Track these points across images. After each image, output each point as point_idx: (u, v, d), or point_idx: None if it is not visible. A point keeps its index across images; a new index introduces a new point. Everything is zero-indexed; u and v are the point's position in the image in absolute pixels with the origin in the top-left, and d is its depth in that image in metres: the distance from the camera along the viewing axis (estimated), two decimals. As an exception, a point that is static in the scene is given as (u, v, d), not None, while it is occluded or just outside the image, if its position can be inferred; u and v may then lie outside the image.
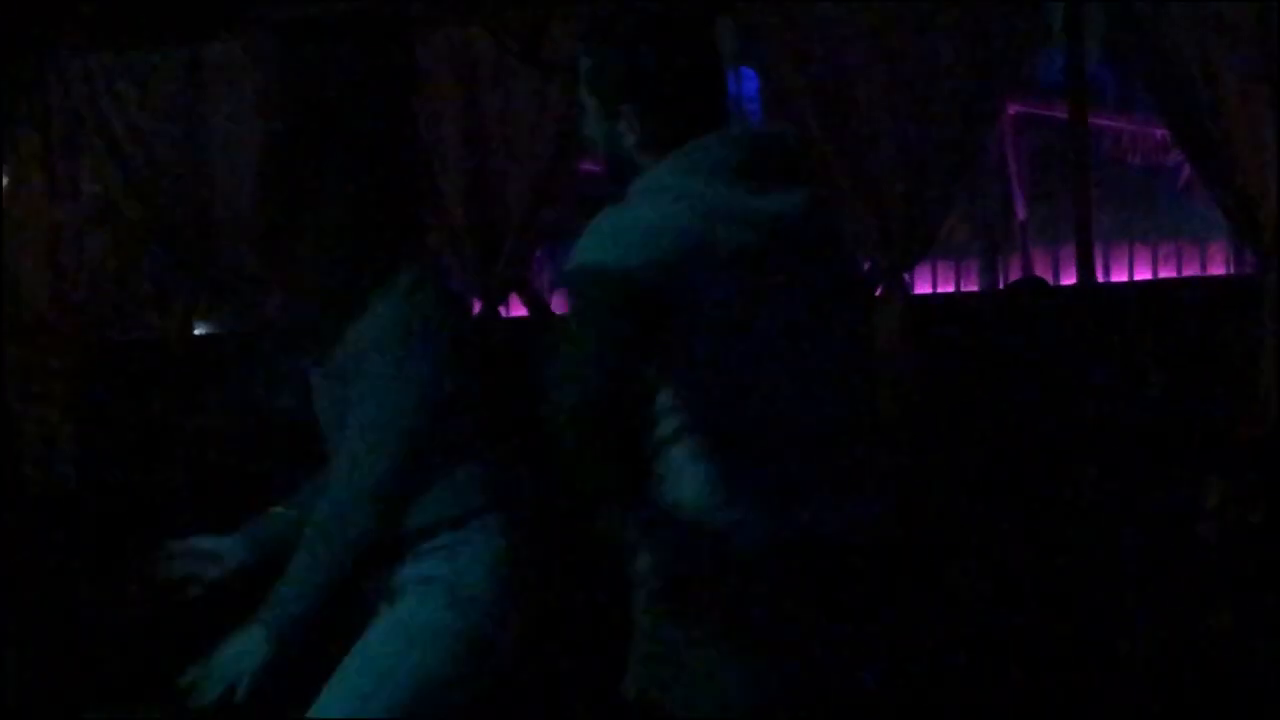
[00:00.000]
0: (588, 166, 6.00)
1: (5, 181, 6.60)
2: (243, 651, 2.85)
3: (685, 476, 2.65)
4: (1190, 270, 7.05)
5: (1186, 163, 6.60)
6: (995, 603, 5.21)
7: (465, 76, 6.13)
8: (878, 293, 5.99)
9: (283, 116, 3.25)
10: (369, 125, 3.17)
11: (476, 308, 6.10)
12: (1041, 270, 6.84)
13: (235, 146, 5.81)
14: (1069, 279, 6.49)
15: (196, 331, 6.45)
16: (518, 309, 6.41)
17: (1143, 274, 7.06)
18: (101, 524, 5.61)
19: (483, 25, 6.03)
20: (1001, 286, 6.96)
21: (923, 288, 6.60)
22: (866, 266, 6.05)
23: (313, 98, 3.33)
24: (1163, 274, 7.08)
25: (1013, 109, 7.21)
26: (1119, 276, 6.87)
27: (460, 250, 6.19)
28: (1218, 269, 6.91)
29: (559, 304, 6.11)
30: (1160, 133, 7.00)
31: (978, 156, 6.44)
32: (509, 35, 6.02)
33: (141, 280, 6.50)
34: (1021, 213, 7.65)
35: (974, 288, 7.10)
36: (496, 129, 6.14)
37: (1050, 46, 6.55)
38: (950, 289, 7.04)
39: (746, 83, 6.80)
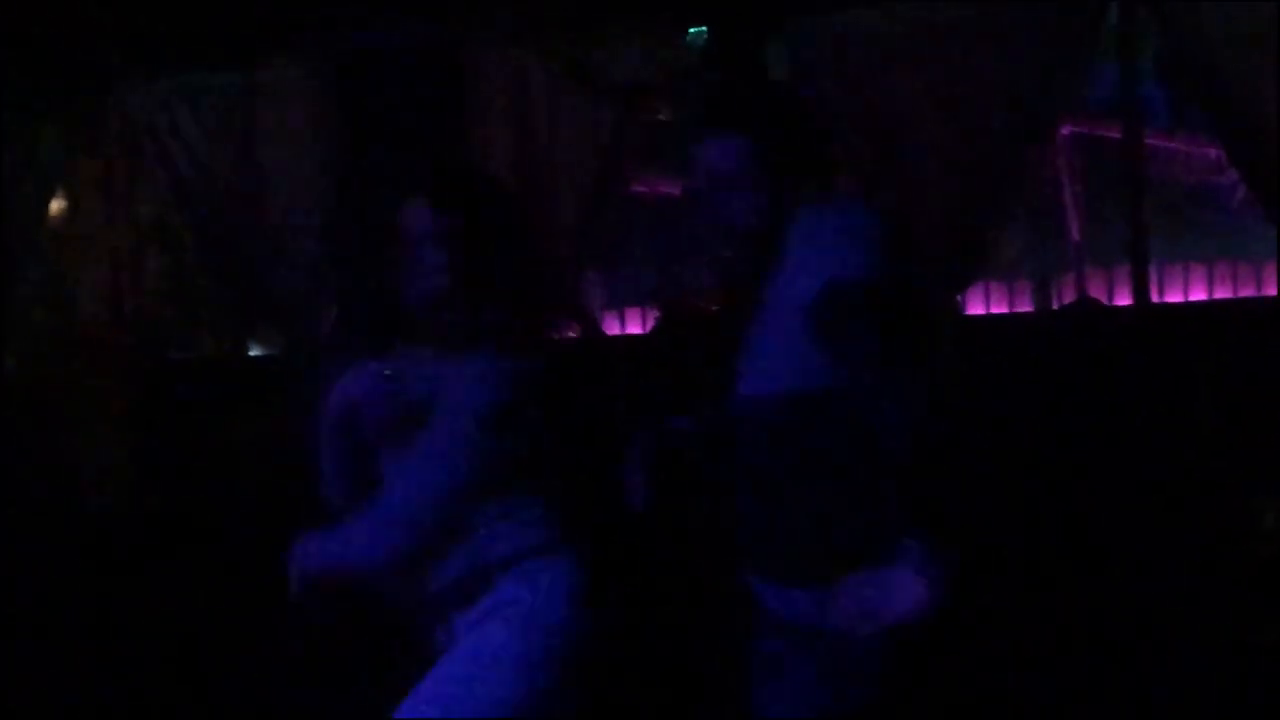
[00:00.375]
0: (636, 189, 6.02)
1: (65, 204, 6.67)
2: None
3: None
4: (1246, 291, 6.96)
5: (1241, 182, 6.46)
6: (1044, 624, 5.14)
7: (516, 99, 6.09)
8: None
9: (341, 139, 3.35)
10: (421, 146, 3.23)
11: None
12: (1096, 291, 6.77)
13: (289, 169, 5.85)
14: (1124, 300, 6.37)
15: (251, 352, 6.51)
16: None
17: (1197, 295, 6.99)
18: (155, 544, 5.66)
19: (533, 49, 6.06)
20: (1055, 308, 6.91)
21: (975, 309, 6.54)
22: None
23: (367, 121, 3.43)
24: (1218, 294, 7.00)
25: (1066, 129, 7.22)
26: (1174, 297, 6.77)
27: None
28: (1272, 289, 6.73)
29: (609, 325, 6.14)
30: (1214, 152, 6.98)
31: (1031, 177, 6.33)
32: (559, 59, 6.04)
33: (196, 301, 6.53)
34: (1076, 233, 7.74)
35: (1027, 308, 7.02)
36: (546, 151, 6.10)
37: (1104, 62, 6.41)
38: (1003, 310, 6.99)
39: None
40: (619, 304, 7.39)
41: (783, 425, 2.86)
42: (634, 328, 6.99)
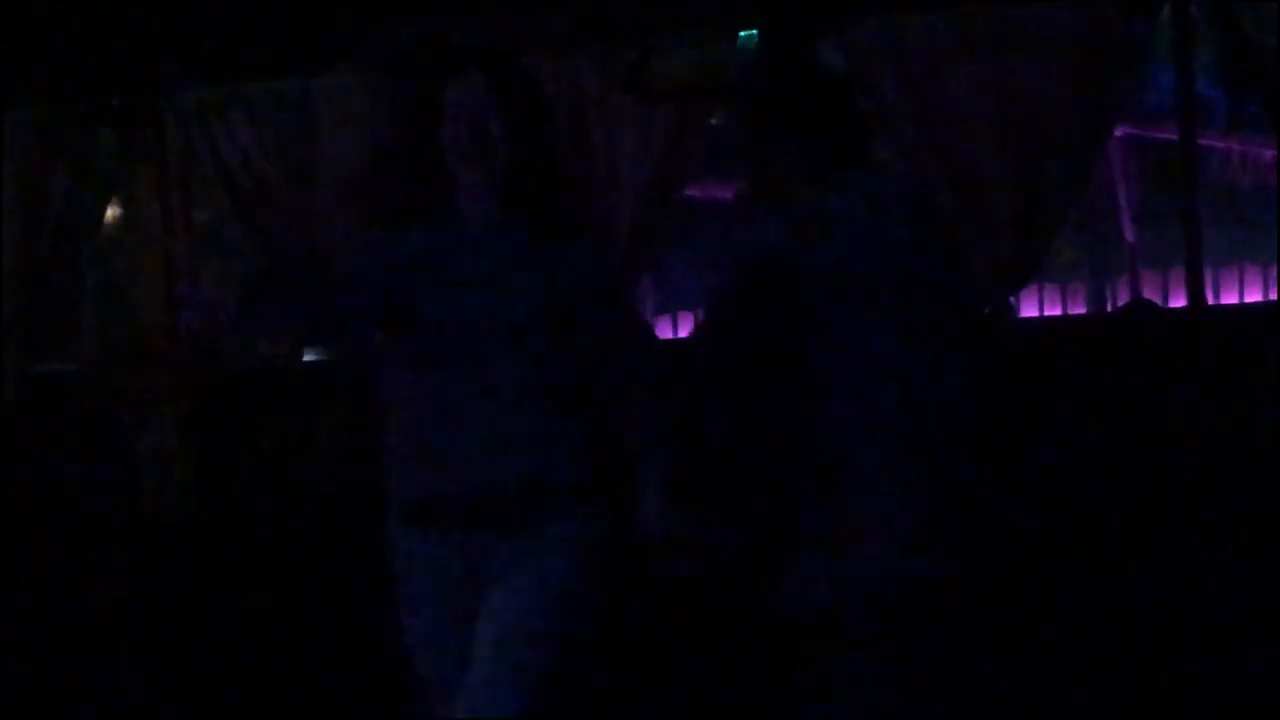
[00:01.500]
0: (691, 193, 5.99)
1: (122, 211, 6.77)
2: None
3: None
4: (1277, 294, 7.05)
5: None
6: (1096, 620, 5.11)
7: (571, 105, 6.11)
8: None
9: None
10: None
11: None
12: (1150, 293, 6.80)
13: (343, 177, 5.89)
14: (1179, 301, 6.30)
15: (305, 358, 6.56)
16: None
17: (1253, 296, 7.06)
18: (215, 551, 5.70)
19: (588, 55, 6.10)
20: (1110, 310, 6.97)
21: (1029, 311, 6.52)
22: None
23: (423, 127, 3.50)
24: (1273, 296, 7.02)
25: (1120, 130, 7.17)
26: (1229, 299, 6.79)
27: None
28: None
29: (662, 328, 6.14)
30: (1270, 153, 6.92)
31: (1086, 178, 6.31)
32: (614, 63, 6.05)
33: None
34: (1130, 235, 7.68)
35: (1081, 310, 7.11)
36: (601, 156, 6.11)
37: (1159, 64, 6.45)
38: (1058, 311, 7.04)
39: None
40: (673, 308, 7.41)
41: None
42: (686, 331, 7.01)
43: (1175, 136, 6.28)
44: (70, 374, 6.70)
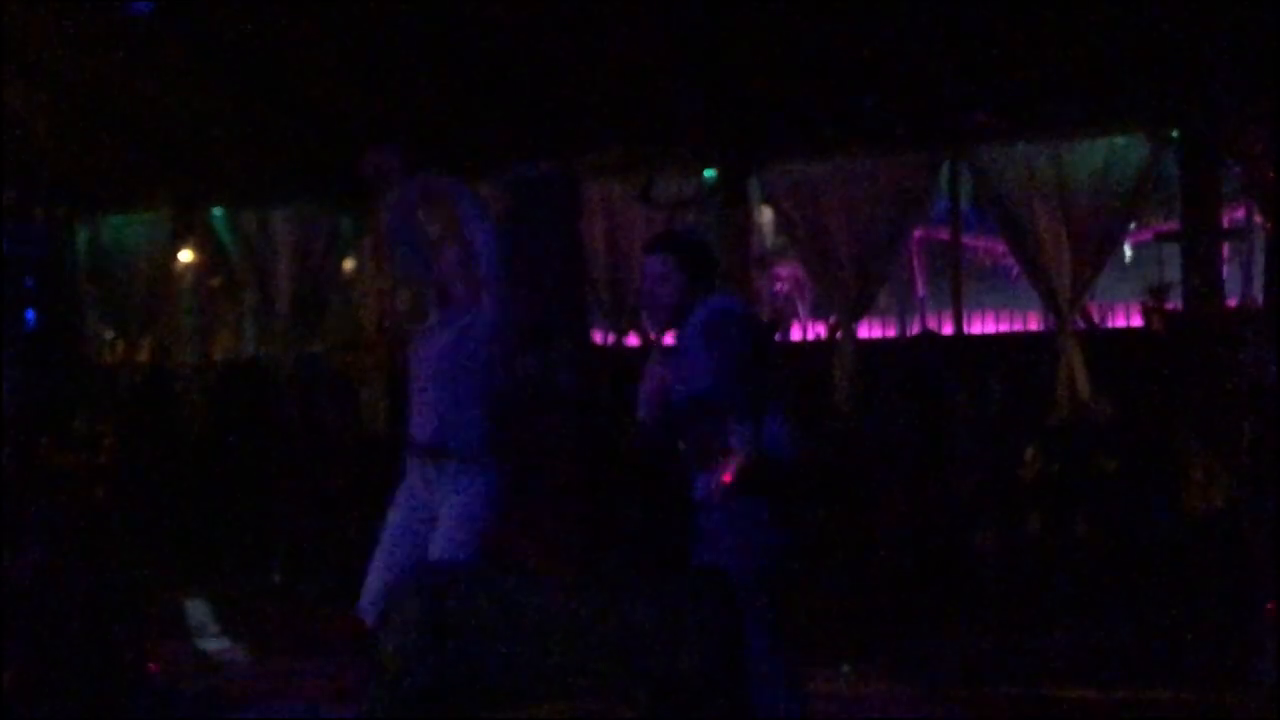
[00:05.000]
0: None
1: (354, 263, 8.04)
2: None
3: None
4: (1016, 326, 8.18)
5: (1017, 264, 7.48)
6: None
7: (606, 208, 7.61)
8: (837, 337, 7.12)
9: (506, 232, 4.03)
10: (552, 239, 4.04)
11: (610, 339, 7.30)
12: (932, 324, 7.95)
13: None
14: (948, 330, 7.57)
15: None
16: (633, 341, 7.65)
17: (989, 328, 8.11)
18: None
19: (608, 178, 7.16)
20: (910, 334, 8.11)
21: (863, 333, 7.53)
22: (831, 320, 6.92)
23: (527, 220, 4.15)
24: (1002, 329, 8.10)
25: (918, 233, 8.52)
26: (976, 330, 7.82)
27: (603, 307, 7.60)
28: (1033, 325, 7.85)
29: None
30: (1002, 247, 8.09)
31: (897, 256, 7.59)
32: (630, 185, 7.31)
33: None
34: (921, 290, 9.24)
35: (892, 334, 8.14)
36: (624, 239, 7.53)
37: (940, 195, 7.54)
38: (879, 334, 8.00)
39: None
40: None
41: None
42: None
43: (948, 236, 7.54)
44: (323, 355, 7.90)
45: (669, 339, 3.65)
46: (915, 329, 8.07)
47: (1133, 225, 7.56)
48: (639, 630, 3.03)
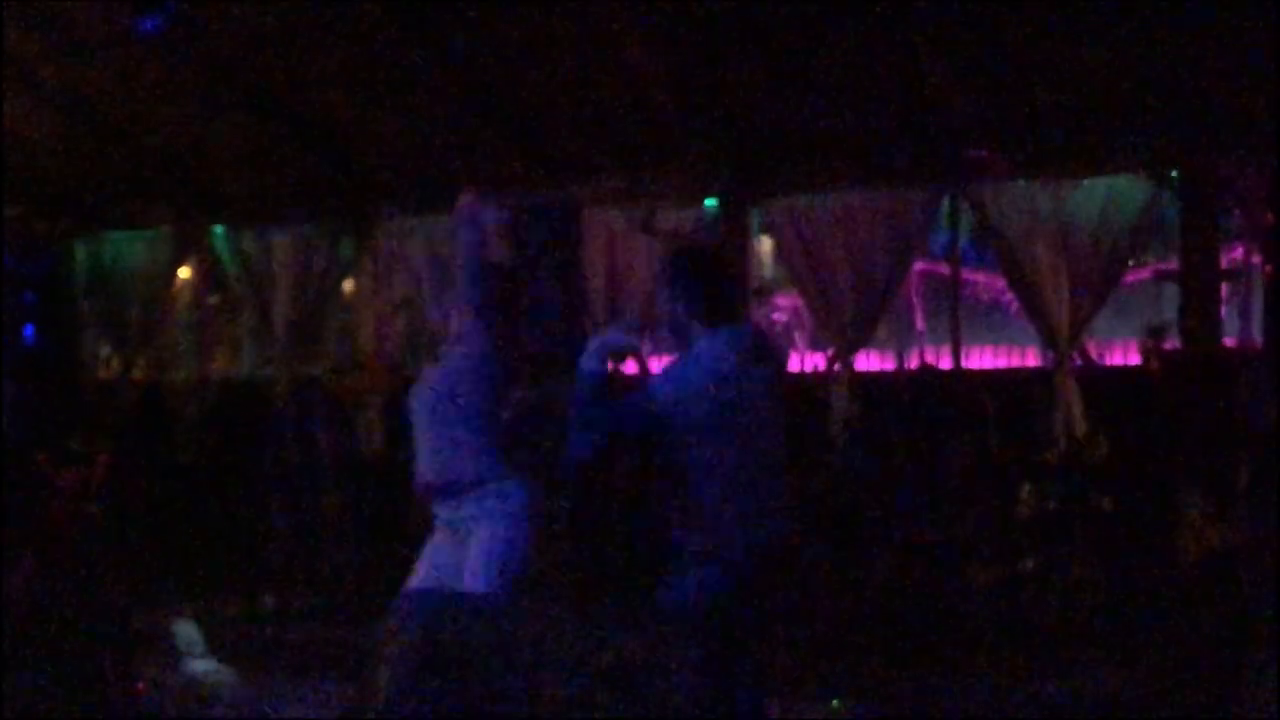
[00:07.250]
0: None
1: (353, 285, 8.03)
2: None
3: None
4: (1014, 362, 8.21)
5: (1017, 299, 7.44)
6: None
7: (607, 236, 7.58)
8: (835, 368, 7.12)
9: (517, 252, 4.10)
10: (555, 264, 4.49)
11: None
12: (930, 359, 7.82)
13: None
14: (946, 364, 7.54)
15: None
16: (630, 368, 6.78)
17: (986, 364, 8.07)
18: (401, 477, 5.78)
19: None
20: (908, 367, 7.97)
21: (861, 366, 7.56)
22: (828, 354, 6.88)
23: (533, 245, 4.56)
24: (1002, 363, 8.08)
25: (918, 266, 8.30)
26: (973, 365, 7.72)
27: (601, 328, 6.59)
28: (1031, 360, 7.82)
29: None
30: (1000, 282, 8.07)
31: (897, 291, 7.50)
32: (631, 213, 7.36)
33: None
34: (920, 324, 8.93)
35: (891, 367, 7.99)
36: (624, 265, 7.55)
37: (940, 229, 7.55)
38: (877, 367, 7.91)
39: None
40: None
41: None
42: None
43: (948, 269, 7.48)
44: (322, 377, 7.86)
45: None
46: (914, 362, 7.93)
47: (1131, 263, 7.53)
48: (632, 664, 3.03)
